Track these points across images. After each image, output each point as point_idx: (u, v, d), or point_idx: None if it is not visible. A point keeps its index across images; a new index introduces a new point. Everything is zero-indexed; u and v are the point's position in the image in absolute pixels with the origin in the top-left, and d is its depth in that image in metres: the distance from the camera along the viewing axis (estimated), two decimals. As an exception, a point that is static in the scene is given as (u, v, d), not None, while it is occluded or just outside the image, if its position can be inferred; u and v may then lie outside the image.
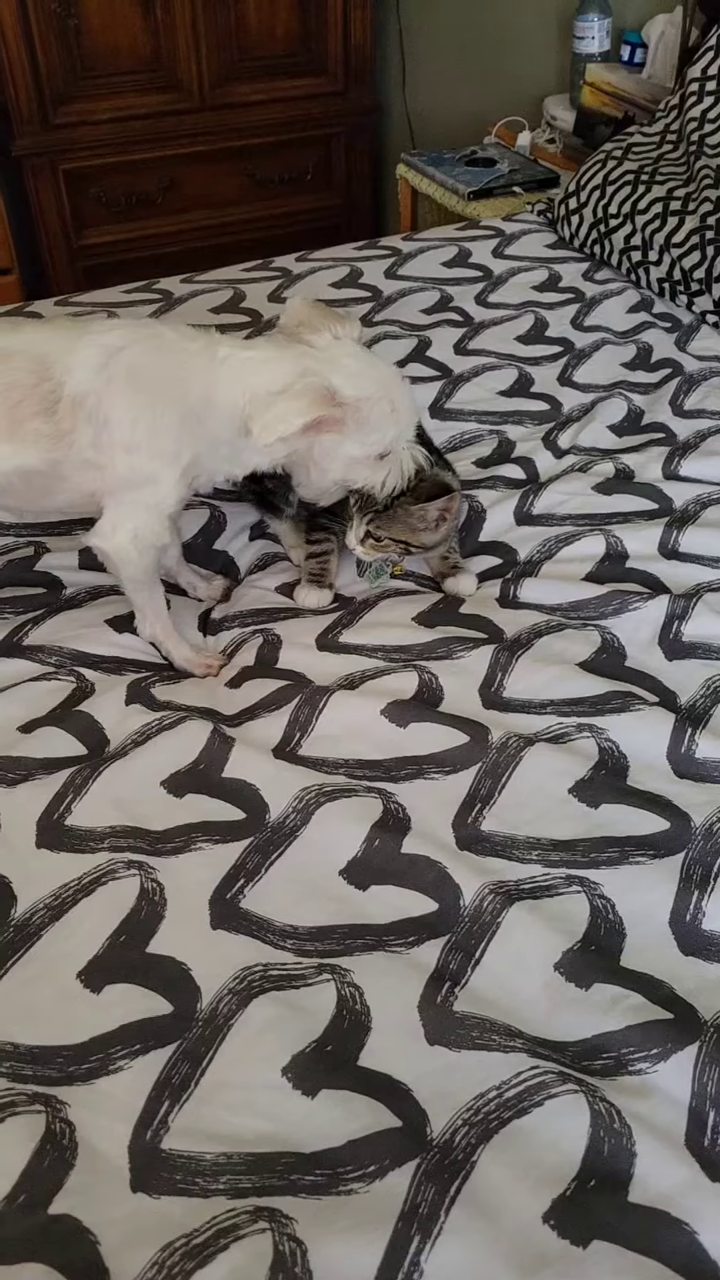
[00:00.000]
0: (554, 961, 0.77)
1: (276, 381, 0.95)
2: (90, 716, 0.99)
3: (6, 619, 1.13)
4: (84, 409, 0.96)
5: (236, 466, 1.04)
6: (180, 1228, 0.63)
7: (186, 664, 1.09)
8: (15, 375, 0.96)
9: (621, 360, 1.57)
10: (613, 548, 1.18)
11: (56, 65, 2.46)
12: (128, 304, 1.73)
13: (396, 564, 1.17)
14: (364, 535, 1.11)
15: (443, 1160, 0.66)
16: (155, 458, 0.98)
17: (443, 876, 0.83)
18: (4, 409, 0.96)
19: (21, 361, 0.96)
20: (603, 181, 1.80)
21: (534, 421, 1.44)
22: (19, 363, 0.96)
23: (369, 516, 1.10)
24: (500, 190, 2.19)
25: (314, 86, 2.75)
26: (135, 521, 1.01)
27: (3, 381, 0.96)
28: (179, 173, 2.72)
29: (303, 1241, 0.62)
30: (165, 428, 0.98)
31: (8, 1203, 0.65)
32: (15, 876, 0.85)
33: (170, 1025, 0.74)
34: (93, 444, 0.97)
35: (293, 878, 0.84)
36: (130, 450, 0.97)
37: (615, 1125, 0.67)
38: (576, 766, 0.92)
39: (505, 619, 1.09)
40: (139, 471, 0.99)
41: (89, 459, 0.98)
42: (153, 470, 0.99)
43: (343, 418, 0.97)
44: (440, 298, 1.73)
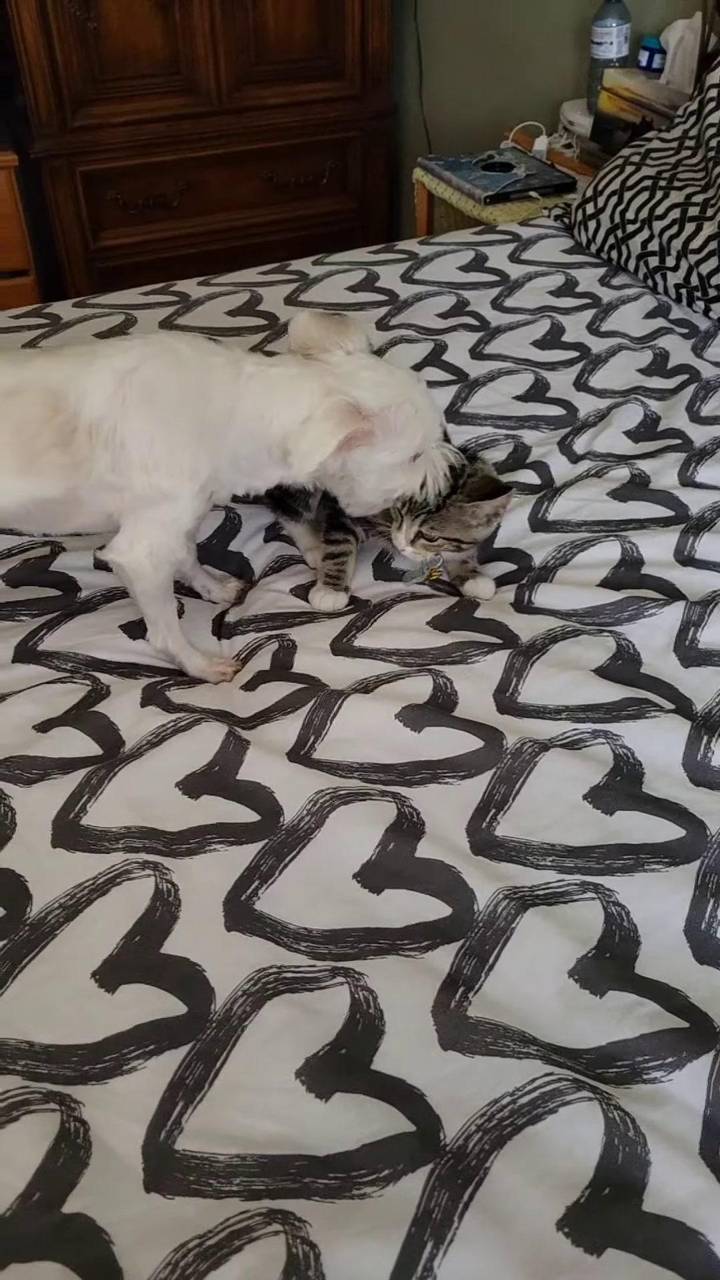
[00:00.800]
0: (568, 968, 0.77)
1: (302, 401, 0.97)
2: (106, 717, 1.00)
3: (22, 621, 1.14)
4: (100, 435, 0.96)
5: (258, 480, 1.05)
6: (194, 1229, 0.63)
7: (200, 673, 1.09)
8: (29, 410, 0.96)
9: (638, 366, 1.57)
10: (628, 554, 1.18)
11: (76, 69, 2.47)
12: (145, 306, 1.74)
13: (435, 567, 1.17)
14: (415, 536, 1.11)
15: (456, 1166, 0.66)
16: (173, 475, 0.99)
17: (457, 881, 0.83)
18: (20, 444, 0.96)
19: (34, 396, 0.96)
20: (620, 187, 1.79)
21: (550, 426, 1.43)
22: (32, 397, 0.96)
23: (421, 518, 1.11)
24: (517, 195, 2.19)
25: (331, 90, 2.76)
26: (152, 538, 1.01)
27: (17, 417, 0.96)
28: (196, 176, 2.73)
29: (316, 1245, 0.62)
30: (182, 443, 0.98)
31: (22, 1201, 0.65)
32: (31, 875, 0.85)
33: (184, 1026, 0.74)
34: (110, 468, 0.97)
35: (307, 880, 0.84)
36: (148, 469, 0.98)
37: (629, 1134, 0.67)
38: (591, 773, 0.91)
39: (520, 624, 1.09)
40: (157, 489, 0.99)
41: (107, 482, 0.98)
42: (171, 487, 0.99)
43: (371, 429, 0.98)
44: (456, 302, 1.73)
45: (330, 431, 0.95)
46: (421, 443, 1.03)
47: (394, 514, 1.12)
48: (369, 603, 1.16)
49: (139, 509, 1.00)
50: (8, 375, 0.97)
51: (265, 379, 0.99)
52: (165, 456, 0.98)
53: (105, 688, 1.04)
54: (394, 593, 1.17)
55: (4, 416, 0.96)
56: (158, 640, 1.09)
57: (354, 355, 1.02)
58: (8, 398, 0.96)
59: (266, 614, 1.16)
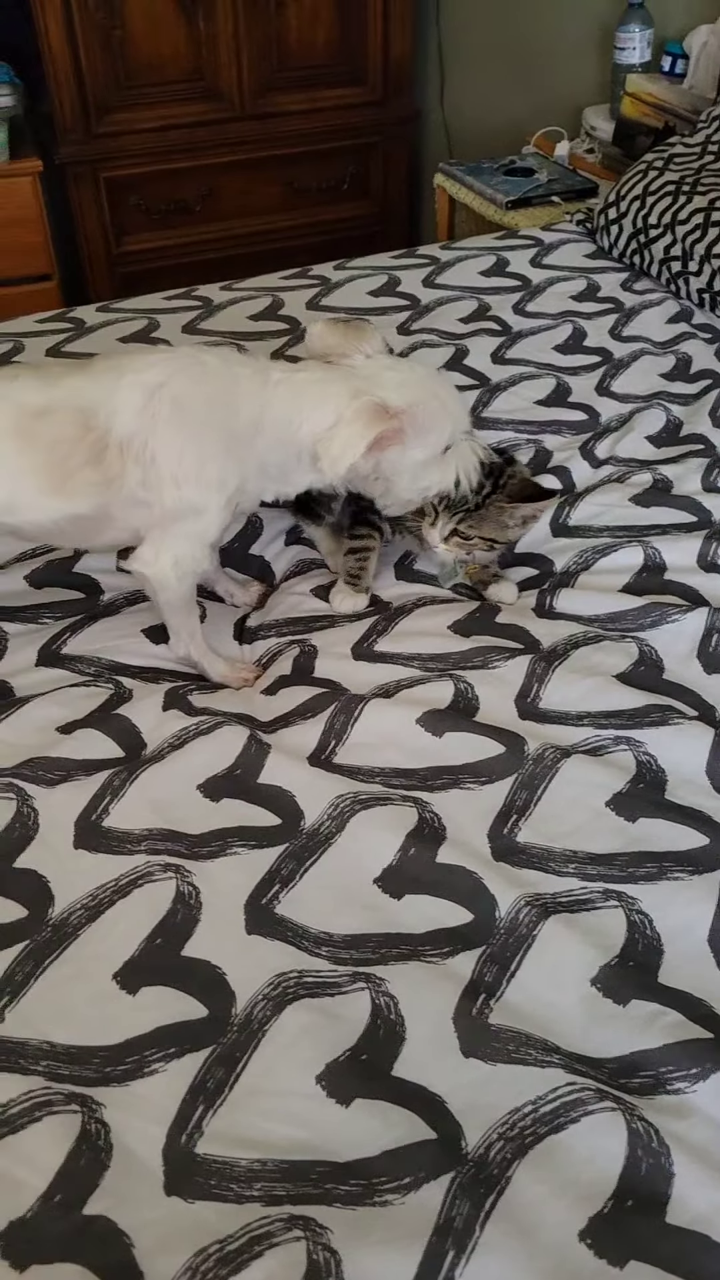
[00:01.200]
0: (591, 976, 0.77)
1: (330, 404, 0.97)
2: (128, 720, 1.00)
3: (46, 624, 1.14)
4: (131, 451, 0.97)
5: (288, 486, 1.05)
6: (214, 1233, 0.63)
7: (223, 679, 1.09)
8: (61, 430, 0.96)
9: (660, 371, 1.56)
10: (651, 559, 1.17)
11: (101, 75, 2.49)
12: (168, 310, 1.75)
13: (470, 564, 1.17)
14: (450, 533, 1.11)
15: (478, 1174, 0.66)
16: (202, 488, 0.99)
17: (478, 887, 0.83)
18: (54, 464, 0.96)
19: (65, 416, 0.96)
20: (643, 192, 1.79)
21: (571, 431, 1.43)
22: (63, 417, 0.96)
23: (459, 516, 1.11)
24: (538, 200, 2.19)
25: (353, 96, 2.77)
26: (177, 550, 1.02)
27: (49, 437, 0.96)
28: (218, 181, 2.74)
29: (337, 1251, 0.62)
30: (211, 455, 0.98)
31: (44, 1202, 0.66)
32: (53, 876, 0.86)
33: (205, 1029, 0.74)
34: (141, 483, 0.98)
35: (327, 885, 0.84)
36: (179, 483, 0.98)
37: (653, 1144, 0.66)
38: (614, 779, 0.91)
39: (542, 629, 1.08)
40: (186, 503, 0.99)
41: (138, 498, 0.99)
42: (200, 500, 1.00)
43: (400, 427, 0.98)
44: (478, 306, 1.73)
45: (359, 433, 0.95)
46: (450, 435, 1.03)
47: (428, 509, 1.12)
48: (390, 605, 1.16)
49: (167, 522, 1.01)
50: (39, 394, 0.98)
51: (292, 385, 1.00)
52: (195, 470, 0.98)
53: (128, 691, 1.05)
54: (416, 595, 1.17)
55: (37, 437, 0.97)
56: (180, 649, 1.09)
57: (374, 358, 1.03)
58: (39, 418, 0.96)
59: (288, 618, 1.16)
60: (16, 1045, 0.74)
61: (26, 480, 0.98)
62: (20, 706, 1.01)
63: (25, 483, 0.98)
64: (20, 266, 2.52)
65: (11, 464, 0.97)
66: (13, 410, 0.97)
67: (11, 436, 0.97)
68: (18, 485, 0.98)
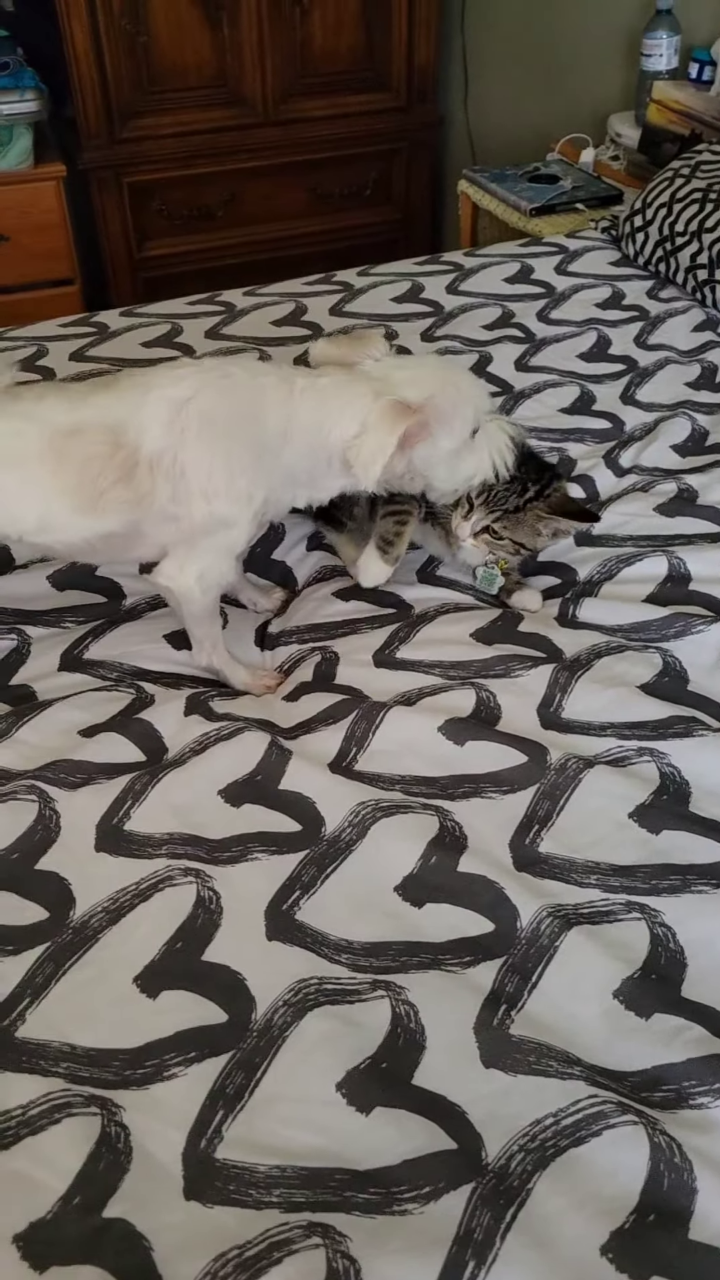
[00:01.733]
0: (613, 989, 0.76)
1: (355, 406, 0.98)
2: (149, 725, 1.00)
3: (68, 629, 1.15)
4: (161, 467, 0.97)
5: (320, 492, 1.06)
6: (233, 1238, 0.64)
7: (245, 686, 1.09)
8: (91, 449, 0.96)
9: (685, 379, 1.55)
10: (675, 569, 1.17)
11: (125, 81, 2.51)
12: (191, 315, 1.76)
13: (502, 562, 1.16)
14: (482, 529, 1.11)
15: (498, 1186, 0.66)
16: (232, 502, 0.99)
17: (500, 897, 0.83)
18: (85, 483, 0.96)
19: (95, 434, 0.96)
20: (670, 199, 1.78)
21: (595, 440, 1.43)
22: (93, 435, 0.96)
23: (497, 515, 1.10)
24: (563, 207, 2.18)
25: (377, 102, 2.77)
26: (203, 563, 1.02)
27: (80, 457, 0.96)
28: (240, 187, 2.75)
29: (356, 1260, 0.62)
30: (241, 468, 0.98)
31: (63, 1204, 0.66)
32: (74, 879, 0.86)
33: (225, 1034, 0.74)
34: (171, 498, 0.98)
35: (348, 892, 0.84)
36: (208, 497, 0.98)
37: (676, 1159, 0.66)
38: (637, 791, 0.91)
39: (565, 639, 1.08)
40: (216, 517, 0.99)
41: (168, 513, 0.99)
42: (230, 514, 1.00)
43: (425, 420, 0.98)
44: (502, 313, 1.73)
45: (386, 435, 0.96)
46: (475, 419, 1.03)
47: (463, 501, 1.12)
48: (412, 609, 1.16)
49: (194, 536, 1.01)
50: (68, 414, 0.98)
51: (317, 391, 1.00)
52: (225, 484, 0.98)
53: (149, 696, 1.05)
54: (438, 601, 1.17)
55: (68, 456, 0.96)
56: (203, 658, 1.09)
57: (382, 360, 1.04)
58: (70, 437, 0.96)
59: (309, 624, 1.16)
60: (37, 1047, 0.74)
61: (60, 501, 0.97)
62: (43, 710, 1.02)
63: (58, 503, 0.98)
64: (43, 271, 2.54)
65: (45, 485, 0.97)
66: (43, 431, 0.97)
67: (43, 458, 0.96)
68: (51, 506, 0.98)
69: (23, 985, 0.78)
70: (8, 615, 1.16)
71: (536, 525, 1.12)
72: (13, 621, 1.15)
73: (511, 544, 1.12)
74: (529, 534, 1.12)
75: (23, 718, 1.01)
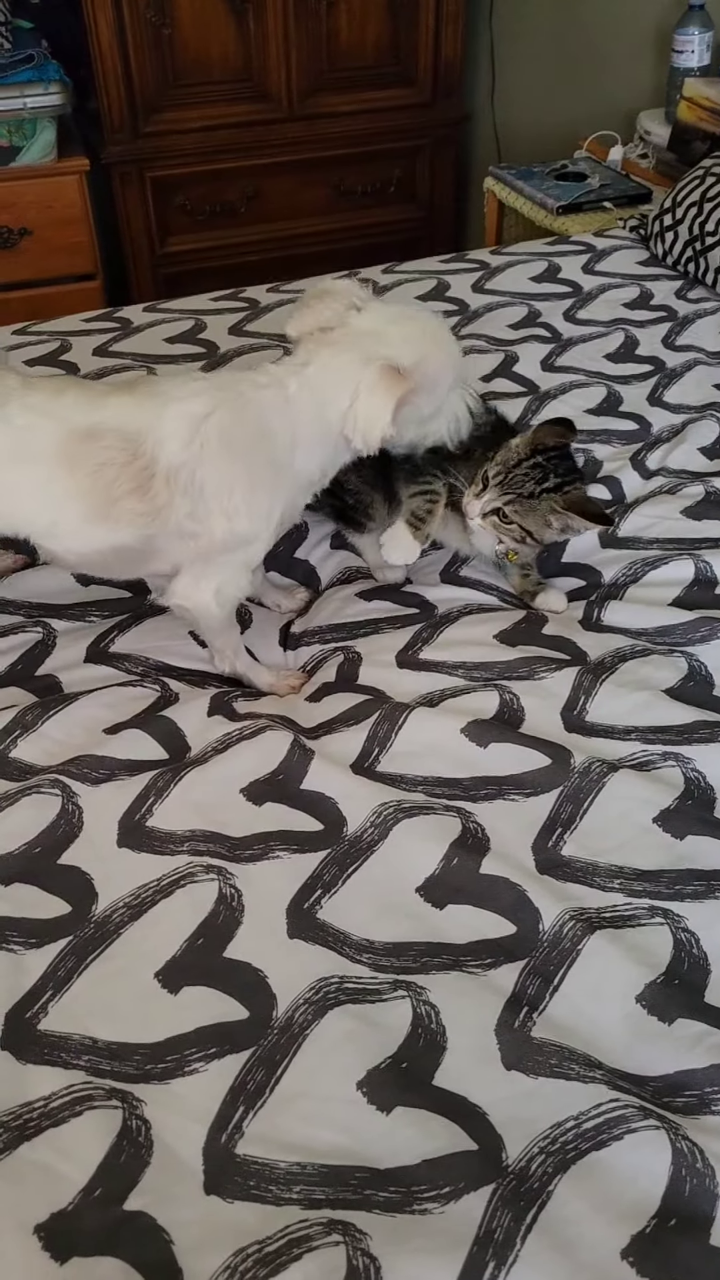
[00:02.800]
0: (635, 993, 0.76)
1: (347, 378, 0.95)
2: (173, 723, 1.01)
3: (93, 622, 1.16)
4: (179, 482, 0.95)
5: (331, 473, 1.05)
6: (253, 1234, 0.64)
7: (270, 688, 1.09)
8: (108, 454, 0.94)
9: (714, 381, 1.54)
10: (702, 573, 1.16)
11: (149, 75, 2.50)
12: (215, 311, 1.76)
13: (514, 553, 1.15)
14: (493, 510, 1.10)
15: (519, 1187, 0.66)
16: (254, 520, 0.99)
17: (522, 900, 0.83)
18: (99, 489, 0.94)
19: (112, 440, 0.94)
20: (700, 198, 1.77)
21: (622, 441, 1.42)
22: (110, 441, 0.94)
23: (510, 498, 1.09)
24: (590, 205, 2.17)
25: (402, 98, 2.76)
26: (219, 579, 1.01)
27: (95, 461, 0.94)
28: (263, 183, 2.75)
29: (377, 1258, 0.62)
30: (262, 487, 0.98)
31: (84, 1196, 0.66)
32: (96, 874, 0.86)
33: (246, 1031, 0.75)
34: (190, 515, 0.97)
35: (369, 892, 0.84)
36: (230, 516, 0.97)
37: (698, 1165, 0.66)
38: (661, 795, 0.90)
39: (589, 642, 1.08)
40: (238, 535, 0.99)
41: (185, 530, 0.98)
42: (251, 531, 0.99)
43: (414, 386, 0.96)
44: (528, 313, 1.72)
45: (383, 402, 0.94)
46: (452, 384, 1.02)
47: (478, 479, 1.11)
48: (436, 609, 1.16)
49: (211, 554, 1.00)
50: (86, 415, 0.95)
51: (307, 384, 0.98)
52: (246, 503, 0.97)
53: (174, 694, 1.06)
54: (462, 601, 1.17)
55: (81, 459, 0.94)
56: (225, 666, 1.09)
57: (367, 308, 1.00)
58: (86, 440, 0.94)
59: (332, 624, 1.16)
60: (60, 1039, 0.75)
61: (71, 505, 0.95)
62: (67, 705, 1.02)
63: (69, 508, 0.96)
64: (65, 266, 2.54)
65: (57, 487, 0.95)
66: (59, 430, 0.94)
67: (57, 459, 0.94)
68: (62, 510, 0.96)
69: (45, 978, 0.78)
70: (33, 610, 1.17)
71: (549, 517, 1.09)
72: (38, 615, 1.16)
73: (519, 529, 1.10)
74: (539, 523, 1.10)
75: (48, 711, 1.01)
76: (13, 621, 1.15)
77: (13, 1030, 0.75)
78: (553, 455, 1.10)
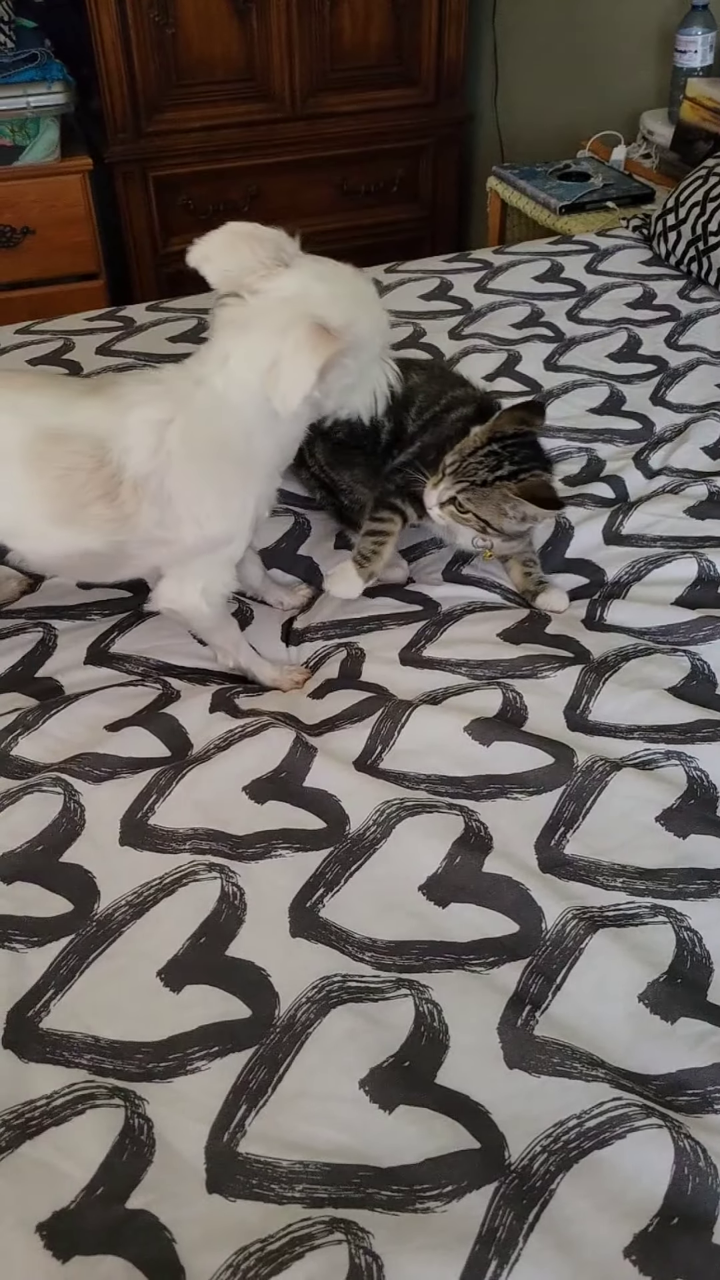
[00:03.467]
0: (638, 992, 0.76)
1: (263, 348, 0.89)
2: (175, 720, 1.01)
3: (93, 621, 1.15)
4: (147, 490, 0.94)
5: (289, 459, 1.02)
6: (255, 1233, 0.64)
7: (274, 683, 1.09)
8: (75, 459, 0.92)
9: (717, 381, 1.54)
10: (705, 572, 1.16)
11: (152, 74, 2.51)
12: (219, 310, 1.76)
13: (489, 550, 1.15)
14: (449, 499, 1.09)
15: (521, 1186, 0.65)
16: (228, 521, 0.98)
17: (524, 899, 0.83)
18: (67, 493, 0.93)
19: (80, 445, 0.92)
20: (703, 198, 1.77)
21: (625, 441, 1.42)
22: (78, 446, 0.92)
23: (463, 485, 1.08)
24: (593, 205, 2.17)
25: (405, 98, 2.76)
26: (204, 579, 1.00)
27: (62, 465, 0.92)
28: (266, 182, 2.75)
29: (379, 1256, 0.62)
30: (232, 489, 0.97)
31: (86, 1194, 0.66)
32: (98, 872, 0.86)
33: (248, 1029, 0.75)
34: (159, 523, 0.95)
35: (372, 890, 0.84)
36: (201, 523, 0.96)
37: (701, 1164, 0.66)
38: (664, 794, 0.90)
39: (592, 640, 1.07)
40: (212, 540, 0.98)
41: (155, 537, 0.97)
42: (226, 533, 0.98)
43: (343, 348, 0.90)
44: (531, 312, 1.72)
45: (309, 361, 0.87)
46: (378, 352, 0.97)
47: (440, 469, 1.09)
48: (439, 606, 1.16)
49: (188, 557, 0.99)
50: (54, 415, 0.94)
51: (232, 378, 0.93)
52: (217, 507, 0.96)
53: (175, 691, 1.05)
54: (465, 599, 1.17)
55: (48, 460, 0.92)
56: (228, 661, 1.09)
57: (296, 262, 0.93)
58: (53, 442, 0.93)
59: (334, 620, 1.16)
60: (61, 1038, 0.75)
61: (37, 505, 0.94)
62: (69, 704, 1.02)
63: (33, 508, 0.94)
64: (68, 265, 2.54)
65: (20, 487, 0.93)
66: (27, 429, 0.93)
67: (23, 458, 0.92)
68: (25, 510, 0.95)
69: (47, 977, 0.78)
70: (35, 610, 1.17)
71: (502, 505, 1.07)
72: (40, 616, 1.16)
73: (476, 519, 1.08)
74: (494, 512, 1.07)
75: (49, 711, 1.01)
76: (15, 623, 1.15)
77: (15, 1029, 0.75)
78: (510, 443, 1.08)
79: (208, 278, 0.95)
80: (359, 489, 1.20)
